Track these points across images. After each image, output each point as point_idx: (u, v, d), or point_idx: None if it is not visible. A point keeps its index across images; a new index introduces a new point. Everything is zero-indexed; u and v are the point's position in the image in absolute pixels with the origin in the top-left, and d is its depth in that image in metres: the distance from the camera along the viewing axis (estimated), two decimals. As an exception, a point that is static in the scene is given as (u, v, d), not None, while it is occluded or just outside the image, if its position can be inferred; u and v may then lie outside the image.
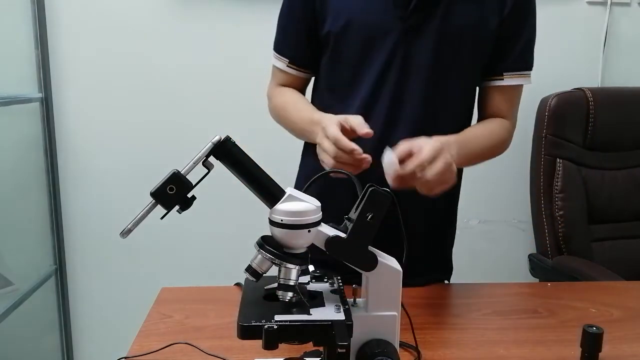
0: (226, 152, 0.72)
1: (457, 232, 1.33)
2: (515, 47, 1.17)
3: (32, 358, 2.14)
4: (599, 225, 1.95)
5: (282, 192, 0.74)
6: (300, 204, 0.73)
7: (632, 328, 1.06)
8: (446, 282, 1.32)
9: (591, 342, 0.91)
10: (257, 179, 0.74)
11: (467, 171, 1.33)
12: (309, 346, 0.79)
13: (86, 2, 2.01)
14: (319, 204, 0.75)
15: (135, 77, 2.05)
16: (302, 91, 1.28)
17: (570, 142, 1.92)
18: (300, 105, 1.21)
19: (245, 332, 0.70)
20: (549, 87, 1.98)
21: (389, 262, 0.77)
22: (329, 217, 0.78)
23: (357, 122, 0.98)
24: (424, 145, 0.93)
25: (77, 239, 2.15)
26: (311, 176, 0.83)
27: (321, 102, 1.22)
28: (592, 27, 2.12)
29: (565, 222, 1.89)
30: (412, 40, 1.11)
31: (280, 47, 1.24)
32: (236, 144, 0.73)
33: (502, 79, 1.18)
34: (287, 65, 1.23)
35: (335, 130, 0.96)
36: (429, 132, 1.15)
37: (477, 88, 1.23)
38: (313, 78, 1.27)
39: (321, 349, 0.83)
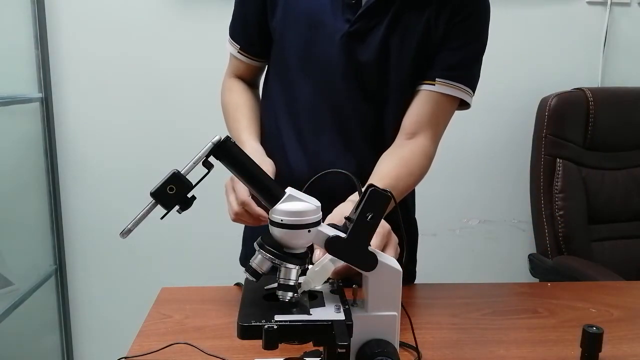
0: (226, 152, 0.72)
1: (457, 231, 1.33)
2: (454, 56, 1.11)
3: (32, 358, 2.14)
4: (599, 225, 1.95)
5: (282, 192, 0.74)
6: (300, 204, 0.73)
7: (632, 328, 1.06)
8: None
9: (591, 342, 0.91)
10: (257, 179, 0.74)
11: (467, 171, 1.33)
12: (309, 346, 0.79)
13: (86, 2, 2.01)
14: (319, 204, 0.75)
15: (135, 77, 2.05)
16: (256, 79, 1.28)
17: (570, 142, 1.92)
18: (239, 113, 1.20)
19: (245, 332, 0.70)
20: (549, 87, 1.99)
21: (389, 262, 0.77)
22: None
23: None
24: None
25: (77, 239, 2.15)
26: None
27: (270, 95, 1.22)
28: (592, 27, 2.13)
29: (565, 222, 1.89)
30: (354, 46, 1.10)
31: (233, 32, 1.24)
32: (236, 144, 0.72)
33: (434, 84, 1.10)
34: (239, 52, 1.22)
35: (244, 195, 0.99)
36: (376, 135, 1.16)
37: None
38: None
39: (321, 349, 0.83)
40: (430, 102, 1.12)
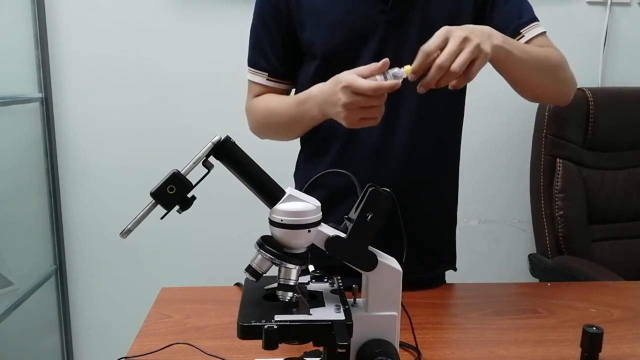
0: (226, 152, 0.72)
1: (457, 232, 1.33)
2: (510, 5, 1.15)
3: (32, 358, 2.14)
4: (599, 225, 1.95)
5: (282, 192, 0.74)
6: (300, 204, 0.73)
7: (632, 328, 1.06)
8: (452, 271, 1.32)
9: (591, 342, 0.91)
10: (257, 179, 0.74)
11: (467, 171, 1.33)
12: (309, 346, 0.79)
13: (86, 2, 2.01)
14: (319, 204, 0.75)
15: (135, 77, 2.05)
16: None
17: (570, 142, 1.92)
18: (281, 97, 1.20)
19: (245, 332, 0.70)
20: (549, 87, 1.98)
21: (389, 262, 0.77)
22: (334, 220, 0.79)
23: (370, 66, 0.94)
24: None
25: (77, 239, 2.15)
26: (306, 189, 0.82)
27: None
28: (592, 27, 2.12)
29: (565, 222, 1.89)
30: (398, 33, 1.11)
31: (256, 61, 1.22)
32: (236, 144, 0.73)
33: (523, 36, 1.15)
34: (267, 79, 1.21)
35: (362, 81, 0.92)
36: (427, 122, 1.16)
37: None
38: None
39: (321, 349, 0.83)
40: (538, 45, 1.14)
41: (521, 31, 1.15)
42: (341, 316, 0.73)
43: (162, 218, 0.72)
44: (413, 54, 1.10)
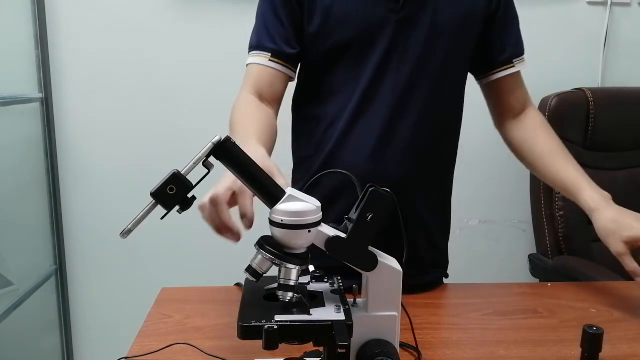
0: (226, 152, 0.72)
1: (457, 232, 1.33)
2: (513, 31, 1.22)
3: (32, 358, 2.14)
4: (599, 225, 1.95)
5: (282, 192, 0.74)
6: (300, 204, 0.73)
7: (632, 328, 1.06)
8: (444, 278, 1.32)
9: (591, 342, 0.91)
10: (257, 179, 0.74)
11: (467, 171, 1.33)
12: (309, 346, 0.79)
13: (86, 2, 2.01)
14: (319, 204, 0.75)
15: (135, 77, 2.05)
16: (280, 94, 1.18)
17: (570, 142, 1.92)
18: (247, 126, 1.08)
19: (245, 332, 0.70)
20: (549, 87, 1.98)
21: (389, 262, 0.77)
22: (332, 219, 0.78)
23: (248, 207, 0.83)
24: None
25: (77, 239, 2.15)
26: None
27: (310, 107, 1.20)
28: (592, 27, 2.13)
29: (565, 222, 1.89)
30: (406, 32, 1.11)
31: (259, 42, 1.15)
32: (236, 144, 0.72)
33: (514, 66, 1.22)
34: (270, 59, 1.13)
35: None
36: (430, 123, 1.16)
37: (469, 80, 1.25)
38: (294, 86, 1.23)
39: (321, 349, 0.83)
40: (516, 82, 1.26)
41: (513, 60, 1.22)
42: (341, 316, 0.73)
43: (162, 218, 0.71)
44: (419, 53, 1.12)
